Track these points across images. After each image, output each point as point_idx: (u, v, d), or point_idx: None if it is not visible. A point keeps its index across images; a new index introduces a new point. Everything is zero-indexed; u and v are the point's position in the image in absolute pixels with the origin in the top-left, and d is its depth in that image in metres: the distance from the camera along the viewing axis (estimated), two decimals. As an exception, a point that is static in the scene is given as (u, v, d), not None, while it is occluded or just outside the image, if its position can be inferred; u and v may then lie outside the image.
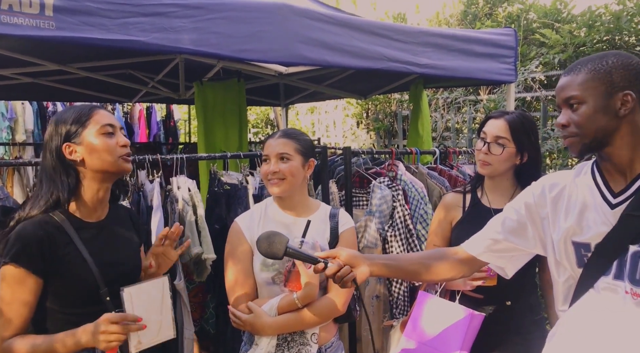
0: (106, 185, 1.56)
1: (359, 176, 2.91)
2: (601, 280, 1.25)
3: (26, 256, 1.39)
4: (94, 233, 1.53)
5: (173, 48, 2.17)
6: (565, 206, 1.35)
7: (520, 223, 1.45)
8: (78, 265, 1.46)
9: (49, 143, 1.51)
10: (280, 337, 1.72)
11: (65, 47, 3.38)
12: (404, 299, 2.61)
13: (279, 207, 1.87)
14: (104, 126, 1.51)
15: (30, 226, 1.43)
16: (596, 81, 1.24)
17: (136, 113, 7.44)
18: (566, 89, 1.29)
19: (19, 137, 6.72)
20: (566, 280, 1.35)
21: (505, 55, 3.32)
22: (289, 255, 1.42)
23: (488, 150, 1.96)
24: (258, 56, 2.42)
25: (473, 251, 1.54)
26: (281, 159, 1.80)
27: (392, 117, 6.84)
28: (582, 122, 1.25)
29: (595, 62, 1.26)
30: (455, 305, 1.93)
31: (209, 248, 2.26)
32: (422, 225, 2.74)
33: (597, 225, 1.27)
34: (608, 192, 1.28)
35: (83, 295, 1.47)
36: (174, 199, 2.29)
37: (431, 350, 1.90)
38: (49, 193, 1.48)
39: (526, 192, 1.47)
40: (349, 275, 1.38)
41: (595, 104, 1.24)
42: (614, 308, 1.22)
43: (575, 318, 1.29)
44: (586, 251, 1.29)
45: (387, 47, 2.78)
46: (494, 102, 5.29)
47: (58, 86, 4.54)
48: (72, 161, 1.49)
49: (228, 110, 3.76)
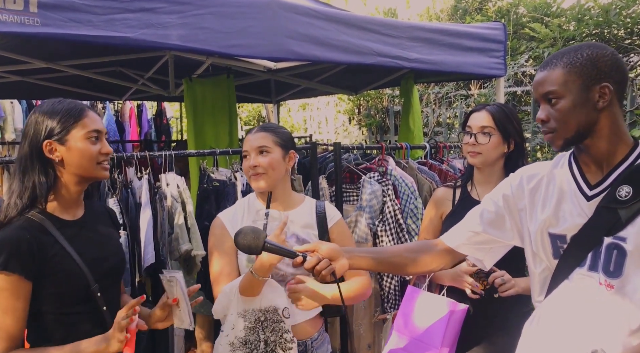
0: (80, 188, 1.53)
1: (350, 171, 2.91)
2: (576, 271, 1.26)
3: (16, 261, 1.35)
4: (76, 231, 1.50)
5: (161, 44, 2.16)
6: (542, 197, 1.36)
7: (498, 214, 1.45)
8: (67, 264, 1.43)
9: (30, 135, 1.45)
10: (253, 320, 1.69)
11: (52, 45, 3.35)
12: (395, 293, 2.62)
13: (262, 202, 1.87)
14: (91, 131, 1.47)
15: (15, 231, 1.38)
16: (573, 74, 1.24)
17: (127, 111, 7.38)
18: (544, 84, 1.28)
19: (8, 136, 6.66)
20: (542, 271, 1.36)
21: (495, 49, 3.33)
22: (267, 249, 1.42)
23: (475, 141, 1.99)
24: (247, 52, 2.41)
25: (452, 244, 1.54)
26: (260, 153, 1.79)
27: (383, 113, 6.85)
28: (561, 117, 1.25)
29: (571, 55, 1.25)
30: (442, 298, 1.94)
31: (198, 244, 2.26)
32: (413, 219, 2.75)
33: (573, 217, 1.28)
34: (584, 184, 1.29)
35: (75, 294, 1.44)
36: (163, 196, 2.28)
37: (419, 343, 1.91)
38: (24, 190, 1.43)
39: (504, 183, 1.47)
40: (328, 268, 1.39)
41: (573, 98, 1.23)
42: (588, 298, 1.23)
43: (550, 308, 1.30)
44: (562, 242, 1.30)
45: (376, 42, 2.78)
46: (485, 97, 5.31)
47: (47, 84, 4.51)
48: (51, 159, 1.45)
49: (217, 106, 3.75)
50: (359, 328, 2.67)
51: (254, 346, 1.67)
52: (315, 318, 1.86)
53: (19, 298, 1.36)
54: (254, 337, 1.68)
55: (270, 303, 1.70)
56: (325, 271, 1.38)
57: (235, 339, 1.68)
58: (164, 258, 2.22)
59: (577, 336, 1.22)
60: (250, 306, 1.69)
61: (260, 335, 1.68)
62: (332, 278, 1.41)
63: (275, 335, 1.68)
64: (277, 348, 1.68)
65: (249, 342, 1.67)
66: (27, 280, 1.37)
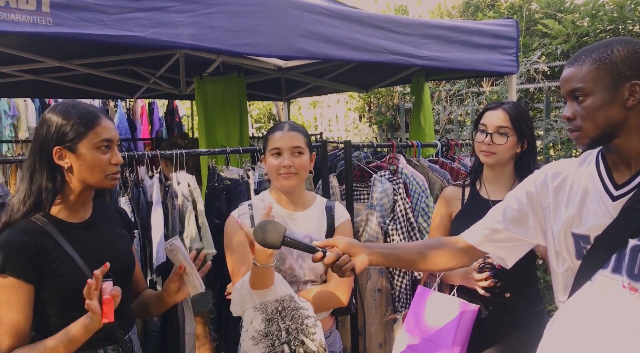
0: (87, 194, 1.52)
1: (360, 169, 2.90)
2: (599, 273, 1.23)
3: (14, 265, 1.34)
4: (80, 233, 1.49)
5: (172, 43, 2.16)
6: (566, 196, 1.33)
7: (522, 212, 1.42)
8: (68, 267, 1.42)
9: (41, 139, 1.44)
10: (270, 311, 1.68)
11: (64, 44, 3.38)
12: (406, 292, 2.61)
13: (276, 201, 1.87)
14: (102, 140, 1.46)
15: (14, 234, 1.38)
16: (602, 71, 1.19)
17: (138, 109, 7.43)
18: (571, 81, 1.24)
19: (21, 134, 6.73)
20: (565, 271, 1.33)
21: (507, 46, 3.29)
22: (286, 244, 1.41)
23: (491, 140, 1.96)
24: (257, 50, 2.40)
25: (472, 241, 1.52)
26: (294, 154, 1.79)
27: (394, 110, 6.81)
28: (588, 115, 1.21)
29: (600, 51, 1.21)
30: (453, 298, 1.93)
31: (209, 243, 2.26)
32: (424, 218, 2.73)
33: (597, 217, 1.25)
34: (611, 183, 1.25)
35: (78, 297, 1.40)
36: (174, 195, 2.28)
37: (430, 343, 1.90)
38: (29, 195, 1.42)
39: (528, 181, 1.44)
40: (348, 264, 1.37)
41: (602, 96, 1.20)
42: (610, 301, 1.20)
43: (572, 310, 1.28)
44: (585, 243, 1.27)
45: (387, 39, 2.76)
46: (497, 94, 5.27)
47: (60, 82, 4.55)
48: (60, 166, 1.44)
49: (228, 105, 3.75)
50: (370, 327, 2.67)
51: (276, 337, 1.66)
52: (327, 317, 1.87)
53: (21, 300, 1.36)
54: (274, 328, 1.67)
55: (285, 292, 1.69)
56: (346, 267, 1.37)
57: (255, 333, 1.68)
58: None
59: (599, 339, 1.19)
60: (266, 298, 1.67)
61: (280, 324, 1.66)
62: (352, 274, 1.39)
63: (296, 323, 1.67)
64: (299, 335, 1.66)
65: (270, 333, 1.66)
66: (26, 282, 1.36)
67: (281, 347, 1.65)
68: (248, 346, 1.68)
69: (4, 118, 6.74)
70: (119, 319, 1.44)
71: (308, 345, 1.67)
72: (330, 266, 1.39)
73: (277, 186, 1.83)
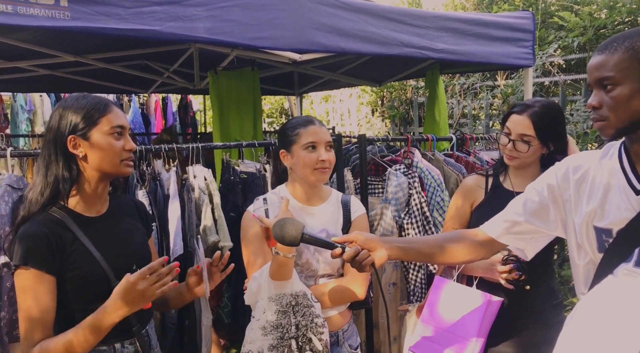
0: (103, 184, 1.53)
1: (374, 163, 2.89)
2: (621, 267, 1.21)
3: (36, 256, 1.36)
4: (97, 227, 1.50)
5: (188, 37, 2.17)
6: (588, 189, 1.31)
7: (542, 204, 1.41)
8: (86, 261, 1.43)
9: (54, 130, 1.45)
10: (285, 304, 1.69)
11: (80, 38, 3.40)
12: (421, 286, 2.60)
13: (292, 194, 1.87)
14: (115, 127, 1.47)
15: (35, 226, 1.39)
16: (634, 61, 1.15)
17: (152, 104, 7.48)
18: (600, 69, 1.20)
19: (38, 129, 6.81)
20: (586, 264, 1.32)
21: (523, 39, 3.26)
22: (305, 241, 1.41)
23: (513, 147, 1.94)
24: (272, 44, 2.40)
25: (492, 233, 1.51)
26: (327, 148, 1.82)
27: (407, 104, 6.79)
28: (616, 105, 1.18)
29: (634, 39, 1.17)
30: (473, 290, 1.92)
31: (225, 236, 2.28)
32: (439, 212, 2.72)
33: (620, 211, 1.23)
34: (634, 177, 1.23)
35: (95, 291, 1.43)
36: (190, 188, 2.30)
37: (448, 335, 1.89)
38: (46, 185, 1.43)
39: (549, 173, 1.43)
40: (368, 259, 1.37)
41: (632, 86, 1.16)
42: (633, 295, 1.19)
43: (593, 304, 1.26)
44: (607, 236, 1.25)
45: (402, 32, 2.75)
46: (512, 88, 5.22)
47: (74, 77, 4.59)
48: (74, 154, 1.45)
49: (242, 99, 3.76)
50: (385, 320, 2.67)
51: (286, 330, 1.67)
52: (345, 310, 1.88)
53: (44, 291, 1.37)
54: (285, 321, 1.68)
55: (300, 288, 1.70)
56: (365, 262, 1.37)
57: (266, 323, 1.68)
58: (191, 249, 2.24)
59: (620, 333, 1.18)
60: (282, 290, 1.68)
61: (291, 319, 1.68)
62: (371, 269, 1.39)
63: (306, 320, 1.68)
64: (308, 333, 1.68)
65: (281, 325, 1.67)
66: (49, 274, 1.37)
67: (289, 341, 1.67)
68: (256, 335, 1.69)
69: (20, 113, 6.82)
70: (135, 313, 1.45)
71: (315, 343, 1.68)
72: (349, 262, 1.39)
73: (311, 180, 1.82)
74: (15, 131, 6.72)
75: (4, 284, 1.88)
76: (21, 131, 6.71)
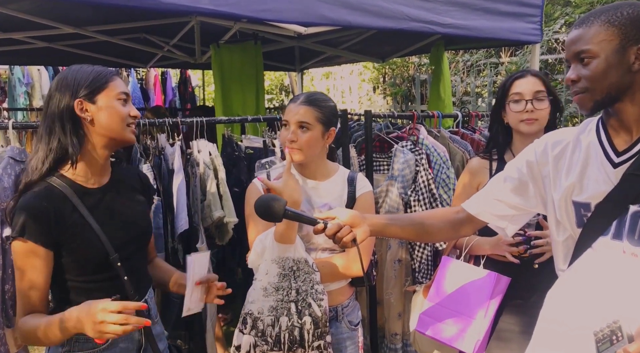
0: (107, 152, 1.51)
1: (379, 140, 2.86)
2: (599, 240, 1.22)
3: (33, 230, 1.35)
4: (98, 199, 1.48)
5: (191, 8, 2.11)
6: (567, 164, 1.32)
7: (522, 181, 1.42)
8: (85, 233, 1.41)
9: (58, 95, 1.42)
10: (287, 267, 1.71)
11: (80, 10, 3.33)
12: (427, 263, 2.60)
13: (298, 171, 1.85)
14: (120, 93, 1.47)
15: (33, 199, 1.38)
16: (609, 33, 1.17)
17: (151, 79, 7.39)
18: (577, 43, 1.22)
19: (36, 102, 6.74)
20: (565, 240, 1.33)
21: (531, 14, 3.20)
22: (287, 216, 1.40)
23: (533, 107, 1.92)
24: (277, 16, 2.35)
25: (473, 211, 1.51)
26: (300, 128, 1.75)
27: (409, 81, 6.72)
28: (593, 77, 1.19)
29: (610, 13, 1.19)
30: (480, 269, 1.91)
31: (230, 211, 2.26)
32: (444, 189, 2.70)
33: (598, 184, 1.24)
34: (612, 150, 1.24)
35: (94, 263, 1.43)
36: (195, 163, 2.27)
37: (455, 313, 1.89)
38: (49, 151, 1.41)
39: (528, 149, 1.43)
40: (349, 235, 1.37)
41: (607, 58, 1.18)
42: (611, 267, 1.19)
43: (573, 277, 1.27)
44: (586, 211, 1.26)
45: (409, 6, 2.69)
46: (516, 65, 5.16)
47: (73, 50, 4.52)
48: (82, 118, 1.43)
49: (245, 73, 3.70)
50: (390, 297, 2.67)
51: (287, 293, 1.69)
52: (345, 286, 1.87)
53: (39, 264, 1.36)
54: (286, 284, 1.70)
55: (301, 255, 1.72)
56: (347, 238, 1.37)
57: (268, 284, 1.70)
58: (196, 225, 2.22)
59: (600, 305, 1.19)
60: (285, 254, 1.70)
61: (292, 283, 1.70)
62: (353, 245, 1.39)
63: (307, 285, 1.70)
64: (308, 298, 1.70)
65: (282, 288, 1.69)
66: (45, 248, 1.36)
67: (289, 304, 1.69)
68: (257, 296, 1.71)
69: (18, 86, 6.74)
70: (134, 284, 1.46)
71: (314, 308, 1.70)
72: (331, 238, 1.39)
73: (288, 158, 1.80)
74: (13, 105, 6.65)
75: (8, 257, 1.86)
76: (19, 104, 6.64)
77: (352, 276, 1.83)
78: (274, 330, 1.69)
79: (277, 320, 1.69)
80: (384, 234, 1.55)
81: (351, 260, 1.78)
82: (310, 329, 1.69)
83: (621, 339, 1.08)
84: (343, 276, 1.82)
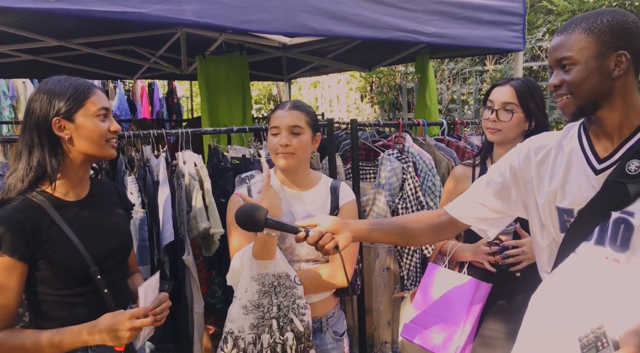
0: (86, 166, 1.50)
1: (365, 149, 2.88)
2: (582, 246, 1.24)
3: (9, 244, 1.33)
4: (77, 212, 1.47)
5: (175, 20, 2.12)
6: (550, 169, 1.33)
7: (504, 185, 1.43)
8: (64, 246, 1.40)
9: (36, 113, 1.40)
10: (267, 283, 1.69)
11: (64, 23, 3.32)
12: (415, 271, 2.61)
13: (280, 180, 1.84)
14: (100, 108, 1.45)
15: (10, 212, 1.36)
16: (589, 41, 1.20)
17: (138, 90, 7.37)
18: (559, 50, 1.24)
19: (21, 116, 6.62)
20: (549, 245, 1.34)
21: (513, 22, 3.24)
22: (269, 225, 1.40)
23: (497, 117, 1.93)
24: (262, 27, 2.36)
25: (455, 214, 1.52)
26: (292, 133, 1.75)
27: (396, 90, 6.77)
28: (574, 82, 1.22)
29: (590, 20, 1.21)
30: (462, 275, 1.92)
31: (216, 222, 2.25)
32: (430, 196, 2.72)
33: (581, 190, 1.25)
34: (593, 157, 1.26)
35: (73, 276, 1.41)
36: (180, 174, 2.26)
37: (438, 320, 1.89)
38: (30, 170, 1.40)
39: (511, 154, 1.44)
40: (331, 242, 1.37)
41: (588, 65, 1.20)
42: (593, 272, 1.21)
43: (556, 282, 1.29)
44: (569, 216, 1.28)
45: (392, 16, 2.72)
46: (500, 73, 5.22)
47: (58, 63, 4.49)
48: (60, 137, 1.42)
49: (231, 84, 3.71)
50: (379, 305, 2.67)
51: (267, 309, 1.68)
52: (330, 296, 1.86)
53: (13, 279, 1.34)
54: (267, 301, 1.68)
55: (282, 270, 1.70)
56: (329, 245, 1.37)
57: (248, 302, 1.69)
58: (182, 237, 2.21)
59: (583, 310, 1.20)
60: (264, 270, 1.68)
61: (273, 299, 1.68)
62: (335, 252, 1.39)
63: (288, 301, 1.69)
64: (289, 313, 1.69)
65: (262, 305, 1.68)
66: (21, 262, 1.35)
67: (270, 321, 1.67)
68: (238, 314, 1.69)
69: (3, 99, 6.69)
70: (115, 297, 1.45)
71: (296, 324, 1.68)
72: (314, 245, 1.39)
73: (278, 165, 1.80)
74: (-2, 118, 6.60)
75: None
76: (4, 117, 6.59)
77: (337, 286, 1.81)
78: (255, 348, 1.67)
79: (259, 337, 1.67)
80: (367, 239, 1.55)
81: (336, 268, 1.76)
82: (293, 345, 1.67)
83: (606, 345, 1.09)
84: (328, 285, 1.80)
